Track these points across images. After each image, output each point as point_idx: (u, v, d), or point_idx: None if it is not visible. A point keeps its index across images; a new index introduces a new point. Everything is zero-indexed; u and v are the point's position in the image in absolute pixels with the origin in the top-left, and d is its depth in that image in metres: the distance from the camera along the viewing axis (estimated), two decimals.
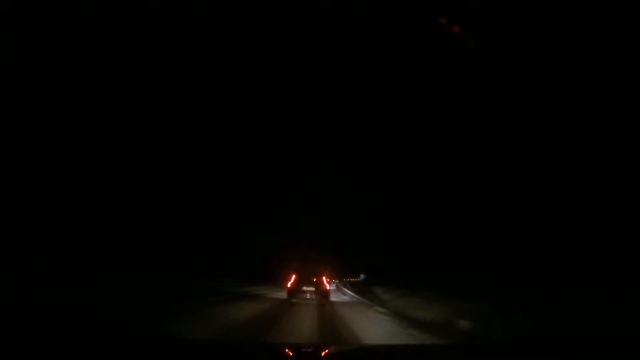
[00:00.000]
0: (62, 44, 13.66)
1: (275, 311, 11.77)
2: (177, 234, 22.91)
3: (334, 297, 18.13)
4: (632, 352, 2.54)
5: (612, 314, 5.71)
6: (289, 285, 15.42)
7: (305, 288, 15.00)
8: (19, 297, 6.74)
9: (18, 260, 9.95)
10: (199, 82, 21.04)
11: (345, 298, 22.40)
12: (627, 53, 9.32)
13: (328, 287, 16.23)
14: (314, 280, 15.18)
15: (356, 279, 48.35)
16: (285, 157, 34.73)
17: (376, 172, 29.69)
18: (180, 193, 24.04)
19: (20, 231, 12.01)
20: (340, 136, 31.13)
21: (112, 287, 10.40)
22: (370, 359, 2.93)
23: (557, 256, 10.77)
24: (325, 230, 40.35)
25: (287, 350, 2.96)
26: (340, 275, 48.88)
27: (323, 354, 2.89)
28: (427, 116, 19.38)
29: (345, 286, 41.39)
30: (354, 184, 36.01)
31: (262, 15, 14.72)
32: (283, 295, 15.96)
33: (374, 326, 9.38)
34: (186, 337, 5.61)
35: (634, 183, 9.33)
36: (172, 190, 22.97)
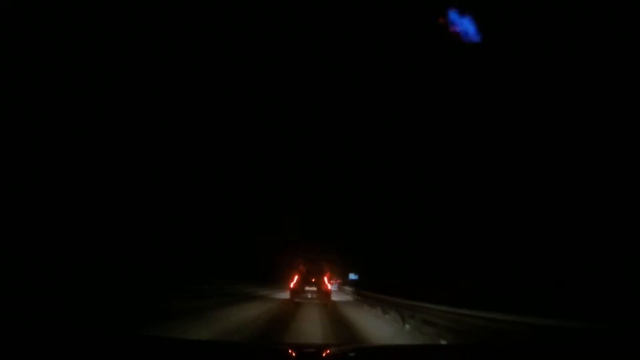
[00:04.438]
0: (61, 44, 13.68)
1: (278, 313, 11.77)
2: (177, 235, 22.93)
3: (335, 297, 18.23)
4: (630, 350, 2.57)
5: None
6: (291, 285, 15.67)
7: (307, 288, 15.32)
8: (16, 297, 6.74)
9: (16, 260, 9.96)
10: (199, 83, 21.10)
11: (347, 297, 22.63)
12: (627, 53, 9.34)
13: (329, 287, 16.55)
14: (316, 280, 15.45)
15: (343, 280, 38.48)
16: (285, 158, 34.81)
17: (377, 172, 29.74)
18: (182, 194, 24.07)
19: (19, 231, 12.02)
20: (340, 137, 31.19)
21: (113, 288, 10.43)
22: (370, 359, 2.95)
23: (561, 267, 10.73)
24: (326, 231, 40.31)
25: (289, 351, 2.99)
26: (342, 275, 48.37)
27: (324, 354, 2.91)
28: (427, 117, 19.42)
29: (344, 285, 40.78)
30: (354, 184, 36.04)
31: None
32: (285, 296, 16.06)
33: None
34: (188, 337, 5.62)
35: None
36: (174, 192, 23.00)
